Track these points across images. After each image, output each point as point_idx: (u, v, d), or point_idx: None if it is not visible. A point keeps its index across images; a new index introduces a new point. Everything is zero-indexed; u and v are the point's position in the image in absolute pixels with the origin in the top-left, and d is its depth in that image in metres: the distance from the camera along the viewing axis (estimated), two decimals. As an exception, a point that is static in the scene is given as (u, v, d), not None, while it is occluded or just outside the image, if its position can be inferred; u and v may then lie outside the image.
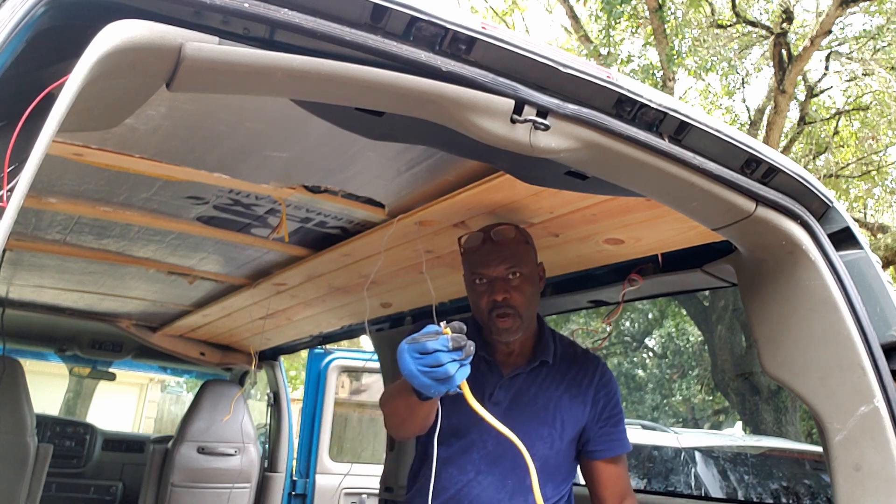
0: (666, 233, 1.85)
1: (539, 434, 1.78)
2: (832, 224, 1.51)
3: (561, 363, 1.88)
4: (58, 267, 3.00)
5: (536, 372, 1.85)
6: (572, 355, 1.91)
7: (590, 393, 1.85)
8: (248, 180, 1.90)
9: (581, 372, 1.87)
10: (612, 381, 1.90)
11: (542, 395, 1.83)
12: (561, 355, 1.90)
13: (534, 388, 1.84)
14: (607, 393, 1.87)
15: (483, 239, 1.82)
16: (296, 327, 3.58)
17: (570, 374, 1.87)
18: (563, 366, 1.88)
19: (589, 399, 1.84)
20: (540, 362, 1.85)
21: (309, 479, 4.36)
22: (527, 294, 1.78)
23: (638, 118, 1.28)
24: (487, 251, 1.80)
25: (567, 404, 1.82)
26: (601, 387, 1.86)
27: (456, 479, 1.77)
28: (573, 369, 1.88)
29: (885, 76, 9.95)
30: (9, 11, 0.82)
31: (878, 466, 1.35)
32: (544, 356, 1.86)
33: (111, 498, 4.95)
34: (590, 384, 1.86)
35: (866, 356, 1.39)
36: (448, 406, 1.77)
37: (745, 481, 4.84)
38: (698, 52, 10.02)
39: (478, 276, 1.81)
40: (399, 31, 1.07)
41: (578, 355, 1.92)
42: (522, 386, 1.84)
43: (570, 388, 1.84)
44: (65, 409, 8.92)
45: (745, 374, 9.14)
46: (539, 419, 1.80)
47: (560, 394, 1.83)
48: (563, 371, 1.87)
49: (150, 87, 1.06)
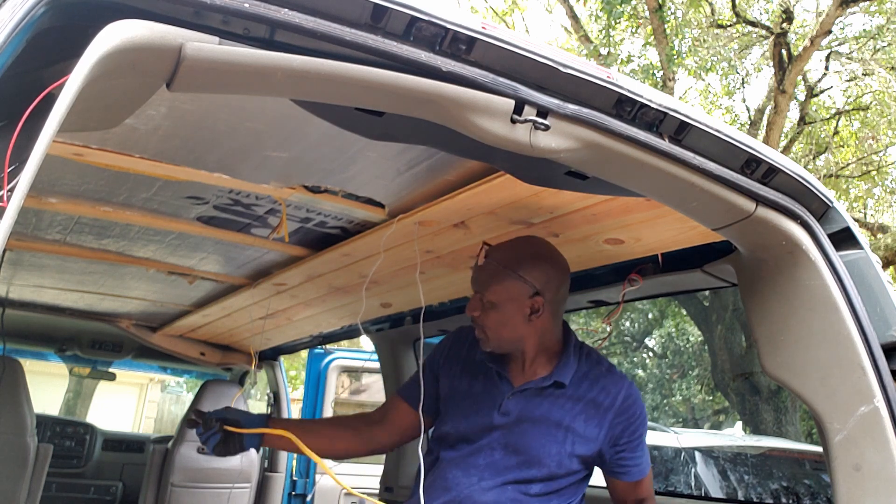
0: (666, 233, 1.85)
1: (547, 451, 1.76)
2: (832, 224, 1.51)
3: (581, 383, 1.83)
4: (58, 267, 3.00)
5: (550, 390, 1.82)
6: (596, 376, 1.85)
7: (608, 416, 1.79)
8: (248, 180, 1.90)
9: (602, 394, 1.81)
10: (636, 405, 1.83)
11: (555, 413, 1.79)
12: (583, 375, 1.84)
13: (546, 404, 1.80)
14: (628, 418, 1.81)
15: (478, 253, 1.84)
16: (296, 327, 3.58)
17: (590, 395, 1.81)
18: (583, 386, 1.83)
19: (606, 423, 1.79)
20: (554, 382, 1.81)
21: (309, 479, 4.36)
22: (492, 319, 1.78)
23: (638, 118, 1.28)
24: (474, 268, 1.84)
25: (581, 426, 1.78)
26: (622, 412, 1.80)
27: (459, 480, 1.78)
28: (594, 390, 1.82)
29: (885, 76, 9.96)
30: (9, 11, 0.82)
31: (878, 466, 1.35)
32: (561, 377, 1.81)
33: (111, 498, 4.95)
34: (609, 408, 1.80)
35: (866, 356, 1.39)
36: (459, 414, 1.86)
37: (745, 481, 4.84)
38: (698, 52, 10.03)
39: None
40: (399, 31, 1.07)
41: (603, 376, 1.85)
42: (534, 400, 1.81)
43: (586, 410, 1.80)
44: (65, 409, 8.92)
45: (745, 374, 9.14)
46: (549, 436, 1.77)
47: (575, 414, 1.79)
48: (583, 392, 1.82)
49: (150, 87, 1.06)
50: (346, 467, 4.41)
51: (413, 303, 2.83)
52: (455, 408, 1.88)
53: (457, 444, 1.83)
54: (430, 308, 2.86)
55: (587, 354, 1.89)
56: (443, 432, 1.88)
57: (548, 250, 1.84)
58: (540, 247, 1.84)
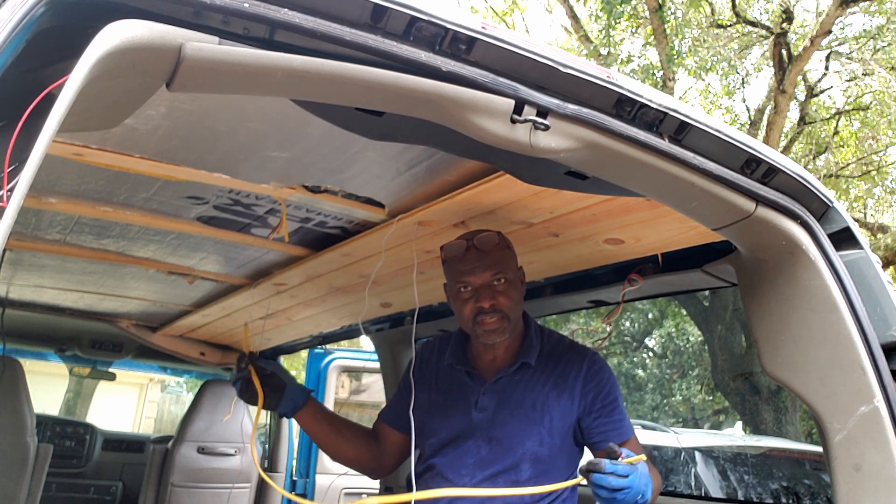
0: (666, 233, 1.85)
1: (528, 433, 1.81)
2: (832, 224, 1.51)
3: (548, 361, 1.89)
4: (58, 267, 3.00)
5: (520, 373, 1.87)
6: (560, 351, 1.91)
7: (577, 386, 1.84)
8: (248, 180, 1.90)
9: (567, 367, 1.87)
10: (603, 371, 1.88)
11: (529, 396, 1.84)
12: (547, 354, 1.90)
13: (519, 390, 1.86)
14: (597, 384, 1.85)
15: (466, 247, 1.83)
16: (296, 327, 3.58)
17: (556, 371, 1.87)
18: (549, 363, 1.88)
19: (577, 393, 1.84)
20: (521, 364, 1.87)
21: (309, 479, 4.36)
22: (513, 298, 1.82)
23: (638, 118, 1.28)
24: (472, 259, 1.82)
25: (554, 401, 1.83)
26: (589, 378, 1.85)
27: (453, 483, 1.82)
28: (560, 365, 1.88)
29: (885, 76, 9.96)
30: (9, 11, 0.82)
31: (878, 466, 1.35)
32: (526, 358, 1.87)
33: (111, 498, 4.94)
34: (576, 377, 1.85)
35: (866, 356, 1.39)
36: (440, 422, 1.91)
37: (745, 481, 4.84)
38: (698, 52, 10.02)
39: (462, 285, 1.83)
40: (399, 31, 1.07)
41: (566, 350, 1.92)
42: (507, 388, 1.87)
43: (556, 385, 1.85)
44: (65, 409, 8.91)
45: (745, 374, 9.14)
46: (528, 419, 1.82)
47: (547, 391, 1.84)
48: (550, 369, 1.87)
49: (150, 87, 1.06)
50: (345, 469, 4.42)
51: (413, 303, 2.83)
52: (435, 417, 1.93)
53: (444, 450, 1.88)
54: (430, 308, 2.86)
55: (548, 335, 1.95)
56: (430, 442, 1.92)
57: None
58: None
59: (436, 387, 1.98)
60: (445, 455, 1.87)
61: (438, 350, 2.01)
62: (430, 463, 1.90)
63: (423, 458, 1.94)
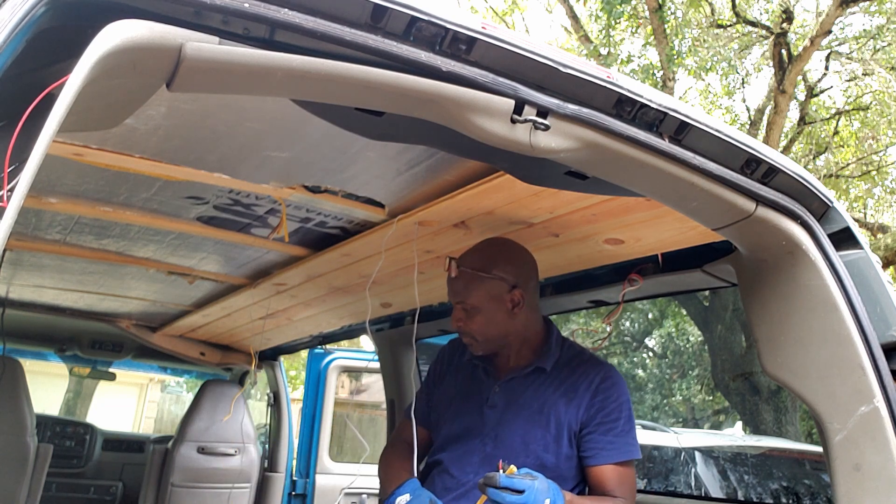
0: (666, 233, 1.85)
1: (533, 436, 1.81)
2: (832, 224, 1.51)
3: (563, 369, 1.89)
4: (58, 267, 3.00)
5: (533, 376, 1.89)
6: (577, 362, 1.90)
7: (585, 397, 1.83)
8: (248, 180, 1.90)
9: (581, 377, 1.86)
10: (614, 388, 1.85)
11: (538, 399, 1.85)
12: (565, 362, 1.90)
13: (530, 391, 1.87)
14: (604, 399, 1.83)
15: (448, 266, 1.89)
16: (296, 327, 3.58)
17: (570, 380, 1.87)
18: (564, 372, 1.88)
19: (583, 403, 1.83)
20: (535, 368, 1.88)
21: (309, 479, 4.36)
22: (477, 323, 1.86)
23: (638, 118, 1.28)
24: (448, 280, 1.90)
25: (563, 408, 1.83)
26: (598, 392, 1.83)
27: (458, 479, 1.84)
28: (574, 375, 1.87)
29: (885, 76, 9.96)
30: (9, 11, 0.82)
31: (878, 466, 1.35)
32: (541, 363, 1.88)
33: (111, 498, 4.94)
34: (587, 389, 1.84)
35: (866, 356, 1.39)
36: (452, 417, 1.94)
37: (745, 481, 4.84)
38: (698, 52, 10.02)
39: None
40: (399, 31, 1.07)
41: (584, 362, 1.91)
42: (517, 389, 1.89)
43: (567, 393, 1.85)
44: (65, 409, 8.91)
45: (745, 374, 9.13)
46: (534, 422, 1.83)
47: (557, 398, 1.84)
48: (564, 377, 1.87)
49: (150, 87, 1.06)
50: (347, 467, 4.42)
51: (413, 303, 2.83)
52: (447, 412, 1.97)
53: (453, 446, 1.90)
54: (430, 308, 2.86)
55: (569, 346, 1.96)
56: (440, 437, 1.95)
57: (513, 246, 1.93)
58: (505, 244, 1.93)
59: (453, 383, 2.02)
60: (452, 451, 1.89)
61: (461, 346, 2.03)
62: (437, 458, 1.92)
63: (433, 452, 1.97)
